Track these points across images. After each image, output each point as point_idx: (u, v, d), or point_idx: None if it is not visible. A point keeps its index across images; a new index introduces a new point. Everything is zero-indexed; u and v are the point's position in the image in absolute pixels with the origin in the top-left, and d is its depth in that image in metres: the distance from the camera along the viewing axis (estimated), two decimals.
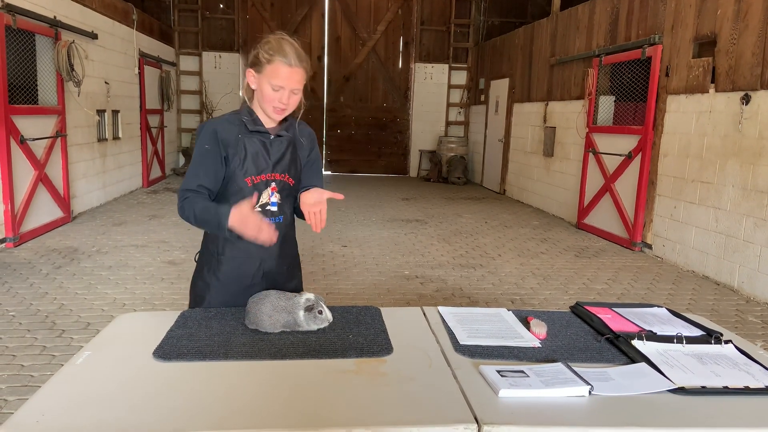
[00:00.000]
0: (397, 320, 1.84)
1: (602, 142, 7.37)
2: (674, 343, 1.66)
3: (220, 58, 12.73)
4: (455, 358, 1.57)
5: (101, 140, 8.43)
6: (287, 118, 2.00)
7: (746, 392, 1.41)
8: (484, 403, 1.31)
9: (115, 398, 1.31)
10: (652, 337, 1.68)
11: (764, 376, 1.49)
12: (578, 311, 1.97)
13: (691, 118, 5.83)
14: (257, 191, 1.93)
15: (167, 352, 1.54)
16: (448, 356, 1.57)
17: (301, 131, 2.05)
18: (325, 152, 13.60)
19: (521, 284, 5.18)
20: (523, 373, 1.44)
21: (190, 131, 12.70)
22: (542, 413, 1.28)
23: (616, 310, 1.96)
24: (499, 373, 1.43)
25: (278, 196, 1.98)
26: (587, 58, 7.80)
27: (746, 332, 4.13)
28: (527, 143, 9.93)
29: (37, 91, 6.72)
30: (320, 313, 1.70)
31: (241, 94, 2.15)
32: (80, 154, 7.71)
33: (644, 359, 1.56)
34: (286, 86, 1.85)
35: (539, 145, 9.40)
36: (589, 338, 1.74)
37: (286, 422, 1.23)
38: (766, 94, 4.89)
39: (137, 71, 9.80)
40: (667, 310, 2.00)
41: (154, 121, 10.82)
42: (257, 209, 1.95)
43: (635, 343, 1.64)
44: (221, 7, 12.70)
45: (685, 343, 1.66)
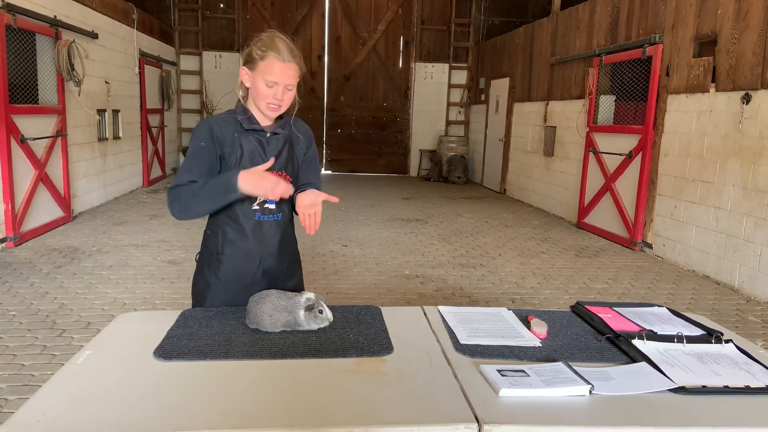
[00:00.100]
0: (397, 320, 1.84)
1: (603, 141, 7.36)
2: (675, 342, 1.66)
3: (220, 57, 12.74)
4: (456, 357, 1.57)
5: (102, 140, 8.43)
6: (283, 115, 2.00)
7: (747, 392, 1.41)
8: (484, 402, 1.31)
9: (115, 397, 1.31)
10: (652, 336, 1.68)
11: (765, 375, 1.49)
12: (579, 311, 1.97)
13: (691, 117, 5.82)
14: None
15: (168, 351, 1.54)
16: (448, 355, 1.57)
17: (297, 128, 2.05)
18: (325, 152, 13.59)
19: (521, 284, 5.18)
20: (523, 372, 1.44)
21: (190, 131, 12.58)
22: (543, 413, 1.28)
23: (616, 309, 1.96)
24: (499, 372, 1.43)
25: None
26: (588, 57, 7.79)
27: (747, 332, 4.13)
28: (527, 143, 9.92)
29: (37, 90, 6.71)
30: (321, 312, 1.70)
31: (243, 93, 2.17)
32: (80, 153, 7.71)
33: (645, 359, 1.56)
34: (280, 82, 1.86)
35: (539, 144, 9.39)
36: (589, 338, 1.74)
37: (286, 421, 1.23)
38: (766, 93, 4.89)
39: (137, 71, 9.80)
40: (667, 309, 2.00)
41: (154, 120, 10.83)
42: (255, 207, 1.95)
43: (636, 342, 1.64)
44: (221, 6, 12.70)
45: (685, 342, 1.66)
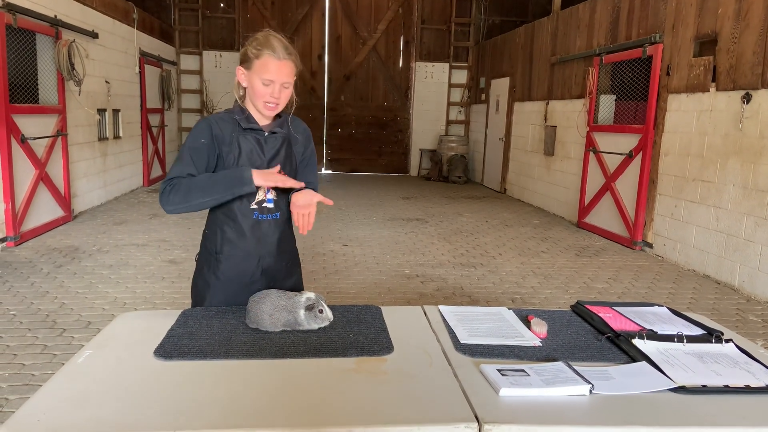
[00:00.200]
0: (397, 319, 1.84)
1: (603, 141, 7.36)
2: (675, 342, 1.66)
3: (220, 57, 12.73)
4: (456, 357, 1.57)
5: (102, 139, 8.43)
6: (281, 114, 2.00)
7: (747, 391, 1.41)
8: (484, 401, 1.31)
9: (116, 397, 1.31)
10: (652, 336, 1.68)
11: (765, 375, 1.49)
12: (579, 310, 1.97)
13: (691, 117, 5.82)
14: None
15: (168, 351, 1.54)
16: (448, 355, 1.57)
17: (295, 127, 2.05)
18: (325, 151, 13.59)
19: (522, 283, 5.18)
20: (523, 372, 1.44)
21: (190, 130, 12.69)
22: (543, 412, 1.28)
23: (616, 309, 1.96)
24: (499, 372, 1.43)
25: (274, 193, 1.98)
26: (588, 56, 7.79)
27: (747, 331, 4.13)
28: (528, 142, 9.92)
29: (37, 90, 6.71)
30: (321, 312, 1.70)
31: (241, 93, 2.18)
32: (81, 153, 7.71)
33: (645, 358, 1.56)
34: (276, 80, 1.86)
35: (540, 144, 9.39)
36: (589, 337, 1.74)
37: (286, 421, 1.23)
38: (766, 93, 4.88)
39: (138, 70, 9.80)
40: (667, 309, 2.00)
41: (154, 120, 10.82)
42: (254, 206, 1.96)
43: (636, 342, 1.64)
44: (222, 6, 12.69)
45: (685, 342, 1.66)
